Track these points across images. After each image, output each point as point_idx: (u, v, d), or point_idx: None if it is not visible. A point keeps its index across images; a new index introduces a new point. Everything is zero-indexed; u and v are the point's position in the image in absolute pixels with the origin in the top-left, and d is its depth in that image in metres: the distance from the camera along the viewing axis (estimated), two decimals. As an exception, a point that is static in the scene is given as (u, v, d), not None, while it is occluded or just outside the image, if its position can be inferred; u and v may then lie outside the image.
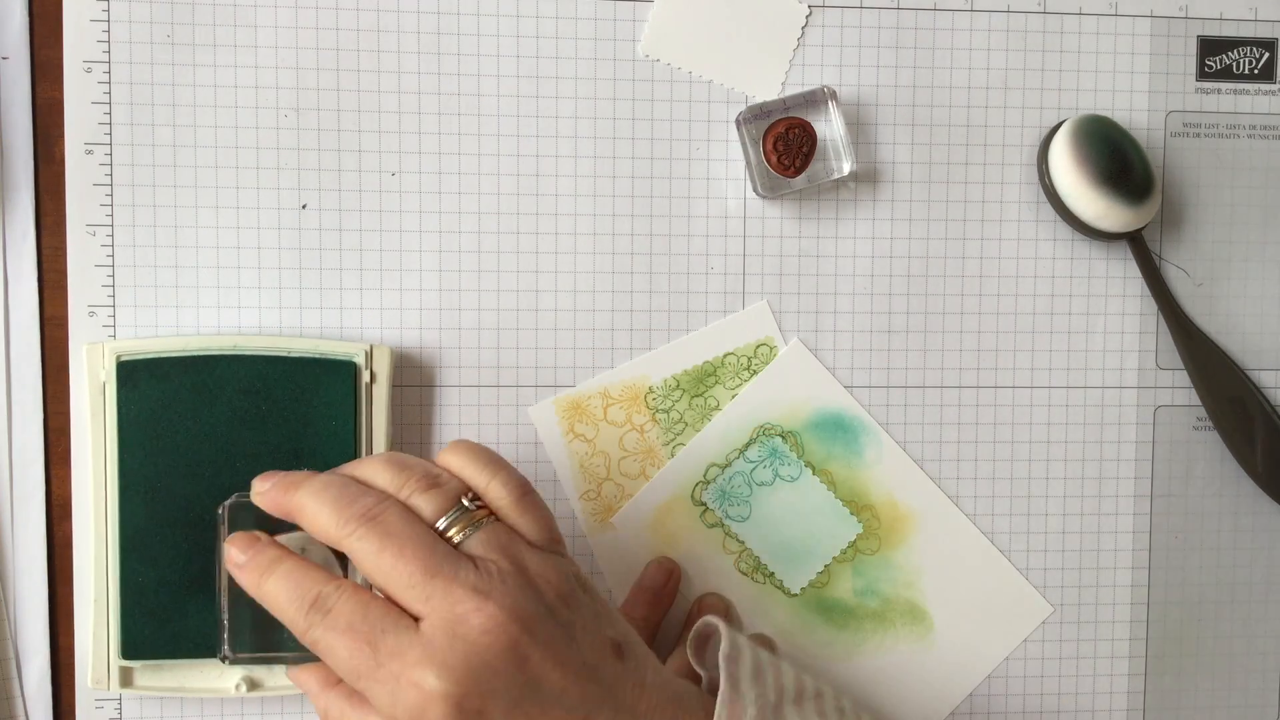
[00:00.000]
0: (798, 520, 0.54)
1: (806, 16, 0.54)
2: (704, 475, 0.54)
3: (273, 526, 0.44)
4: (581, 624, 0.41)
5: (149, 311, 0.51)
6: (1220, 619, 0.57)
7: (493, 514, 0.42)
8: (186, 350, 0.50)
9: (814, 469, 0.55)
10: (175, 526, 0.49)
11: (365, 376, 0.51)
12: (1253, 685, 0.58)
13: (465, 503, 0.42)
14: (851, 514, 0.55)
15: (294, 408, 0.50)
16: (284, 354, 0.50)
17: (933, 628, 0.55)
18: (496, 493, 0.43)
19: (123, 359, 0.49)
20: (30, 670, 0.51)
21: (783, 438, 0.54)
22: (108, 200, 0.51)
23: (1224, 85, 0.56)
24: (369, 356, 0.51)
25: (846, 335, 0.55)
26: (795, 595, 0.55)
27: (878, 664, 0.55)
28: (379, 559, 0.39)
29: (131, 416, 0.49)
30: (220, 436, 0.49)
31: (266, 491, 0.43)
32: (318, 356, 0.50)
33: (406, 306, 0.52)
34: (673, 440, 0.54)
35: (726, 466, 0.54)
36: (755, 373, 0.54)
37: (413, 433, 0.53)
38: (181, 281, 0.51)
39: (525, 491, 0.43)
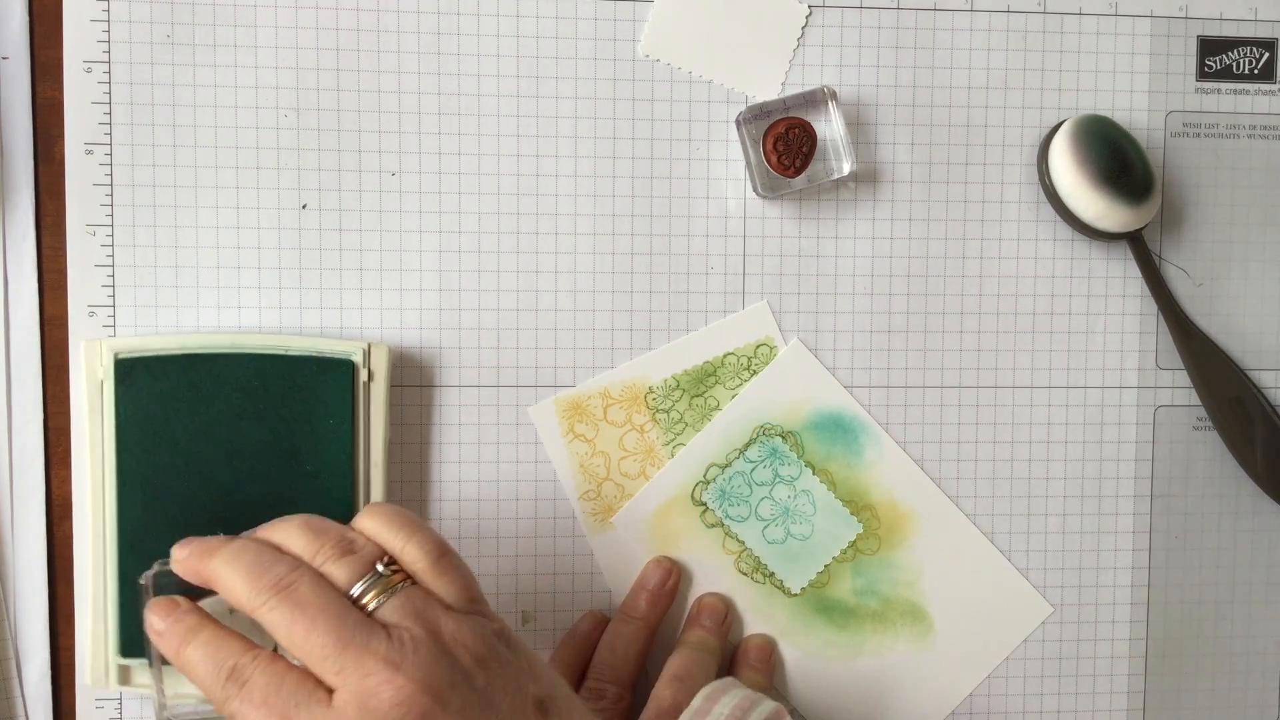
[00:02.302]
0: (798, 520, 0.54)
1: (806, 16, 0.54)
2: (704, 475, 0.54)
3: (198, 593, 0.43)
4: (501, 685, 0.40)
5: (149, 311, 0.51)
6: (1220, 619, 0.57)
7: (409, 578, 0.41)
8: (184, 348, 0.50)
9: (814, 469, 0.55)
10: (173, 524, 0.49)
11: (363, 375, 0.51)
12: (1253, 685, 0.58)
13: (380, 568, 0.41)
14: (851, 514, 0.55)
15: (292, 406, 0.50)
16: (282, 352, 0.50)
17: (933, 628, 0.55)
18: (412, 556, 0.42)
19: (120, 356, 0.49)
20: (30, 670, 0.51)
21: (783, 438, 0.54)
22: (108, 200, 0.51)
23: (1224, 85, 0.56)
24: (367, 355, 0.51)
25: (846, 335, 0.55)
26: (795, 595, 0.55)
27: (878, 664, 0.55)
28: (292, 630, 0.39)
29: (129, 414, 0.49)
30: (218, 434, 0.49)
31: (184, 560, 0.42)
32: (316, 355, 0.50)
33: (406, 306, 0.52)
34: (673, 440, 0.54)
35: (726, 466, 0.54)
36: (755, 373, 0.54)
37: (412, 433, 0.53)
38: (181, 281, 0.51)
39: (442, 553, 0.42)
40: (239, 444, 0.49)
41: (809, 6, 0.54)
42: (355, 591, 0.40)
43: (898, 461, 0.55)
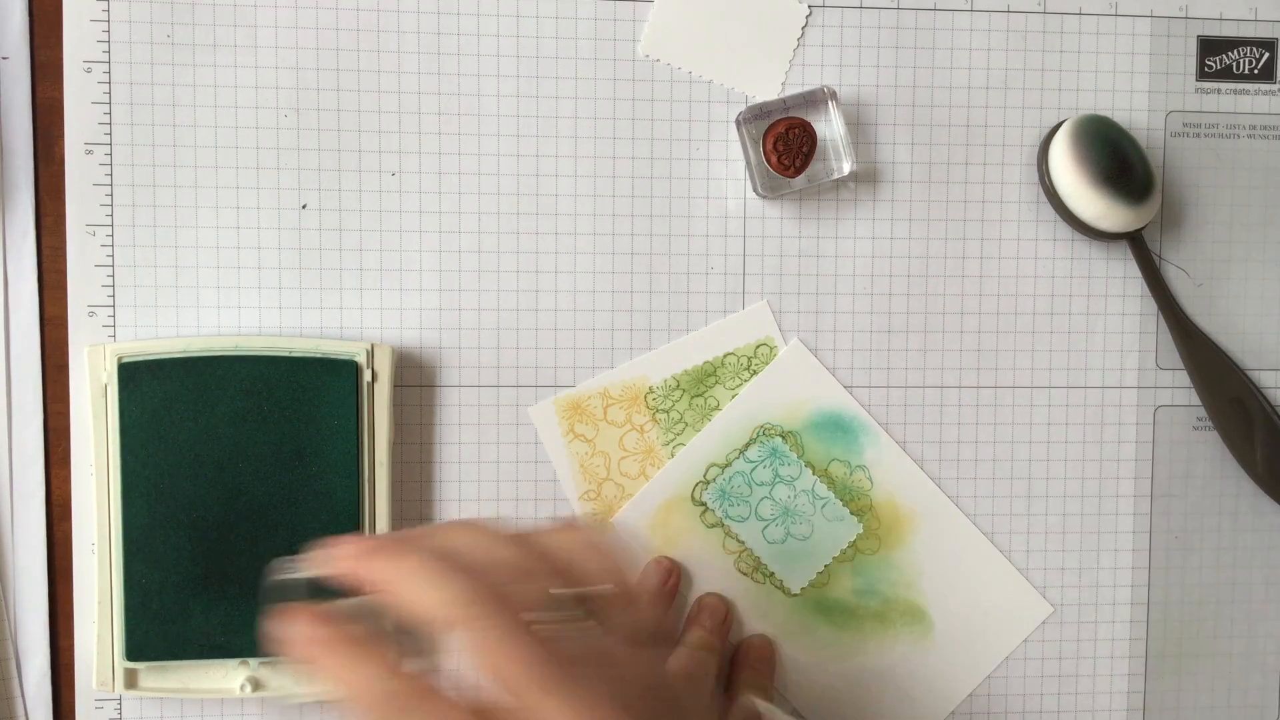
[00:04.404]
0: (797, 520, 0.54)
1: (806, 16, 0.54)
2: (704, 475, 0.54)
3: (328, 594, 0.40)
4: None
5: (149, 311, 0.51)
6: (1220, 619, 0.57)
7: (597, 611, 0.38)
8: (188, 351, 0.50)
9: (814, 469, 0.55)
10: (178, 527, 0.49)
11: (367, 375, 0.51)
12: (1253, 685, 0.58)
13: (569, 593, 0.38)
14: (851, 514, 0.55)
15: (296, 407, 0.50)
16: (285, 354, 0.50)
17: (933, 628, 0.55)
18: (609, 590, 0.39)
19: (124, 360, 0.49)
20: (30, 670, 0.51)
21: (783, 438, 0.54)
22: (108, 200, 0.51)
23: (1224, 85, 0.56)
24: (370, 355, 0.51)
25: (846, 335, 0.55)
26: (795, 595, 0.55)
27: (878, 664, 0.55)
28: (484, 656, 0.35)
29: (133, 418, 0.49)
30: (222, 437, 0.49)
31: (350, 557, 0.37)
32: (319, 356, 0.50)
33: (406, 306, 0.52)
34: (673, 440, 0.54)
35: (726, 466, 0.54)
36: (755, 373, 0.54)
37: (412, 433, 0.53)
38: (181, 281, 0.51)
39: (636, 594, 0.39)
40: (243, 446, 0.49)
41: (809, 6, 0.54)
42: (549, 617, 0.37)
43: (898, 461, 0.55)
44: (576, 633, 0.37)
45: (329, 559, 0.38)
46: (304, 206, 0.52)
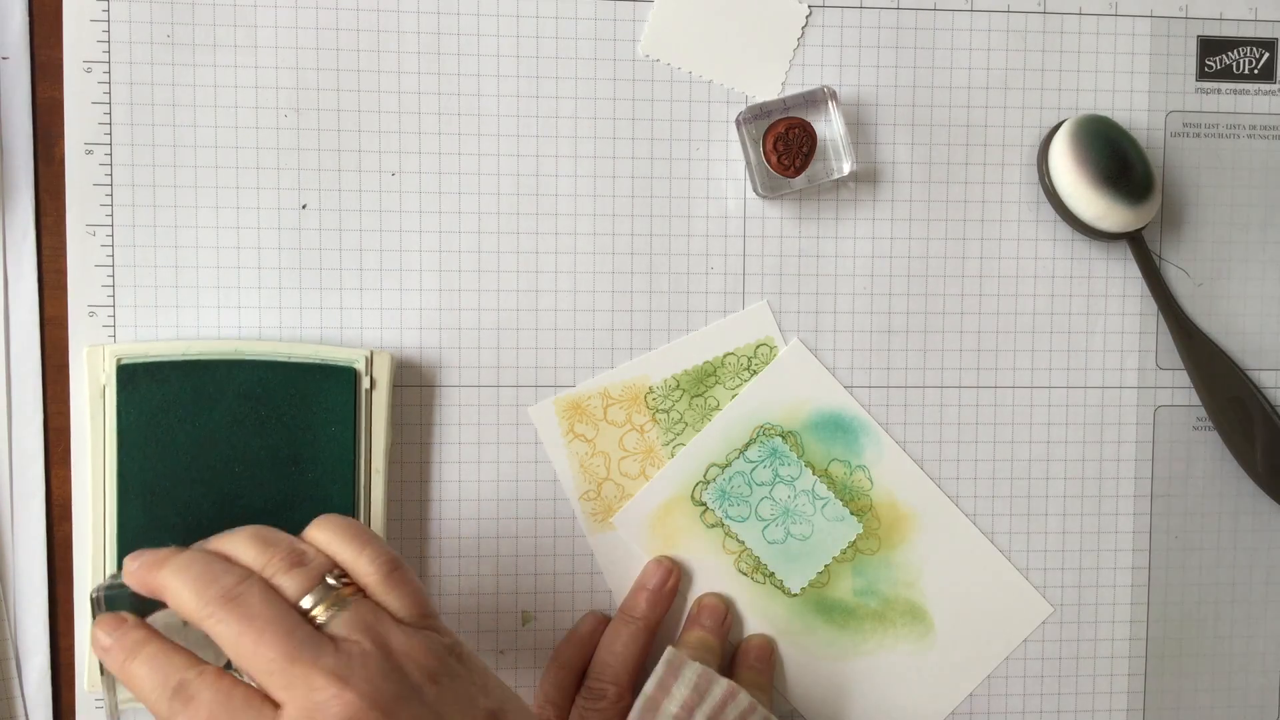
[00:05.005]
0: (797, 520, 0.54)
1: (806, 16, 0.54)
2: (704, 475, 0.54)
3: (152, 605, 0.42)
4: (452, 699, 0.39)
5: (149, 312, 0.51)
6: (1220, 619, 0.57)
7: (359, 591, 0.41)
8: (187, 354, 0.50)
9: (814, 469, 0.55)
10: (173, 530, 0.49)
11: (365, 382, 0.51)
12: (1253, 685, 0.58)
13: (330, 580, 0.40)
14: (851, 514, 0.55)
15: (294, 413, 0.50)
16: (284, 359, 0.50)
17: (933, 628, 0.55)
18: (364, 569, 0.41)
19: (123, 362, 0.49)
20: (30, 670, 0.51)
21: (783, 438, 0.54)
22: (108, 200, 0.51)
23: (1224, 85, 0.56)
24: (369, 362, 0.51)
25: (846, 335, 0.55)
26: (795, 595, 0.55)
27: (878, 664, 0.55)
28: (239, 642, 0.38)
29: (131, 420, 0.49)
30: (220, 441, 0.49)
31: (135, 571, 0.41)
32: (318, 362, 0.50)
33: (406, 306, 0.52)
34: (673, 440, 0.54)
35: (726, 466, 0.54)
36: (755, 373, 0.54)
37: (412, 433, 0.53)
38: (181, 281, 0.51)
39: (394, 567, 0.41)
40: (240, 450, 0.49)
41: (809, 6, 0.54)
42: (305, 604, 0.39)
43: (898, 461, 0.55)
44: (345, 605, 0.40)
45: (125, 571, 0.42)
46: (304, 206, 0.52)
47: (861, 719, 0.55)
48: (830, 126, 0.53)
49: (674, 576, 0.53)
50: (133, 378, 0.49)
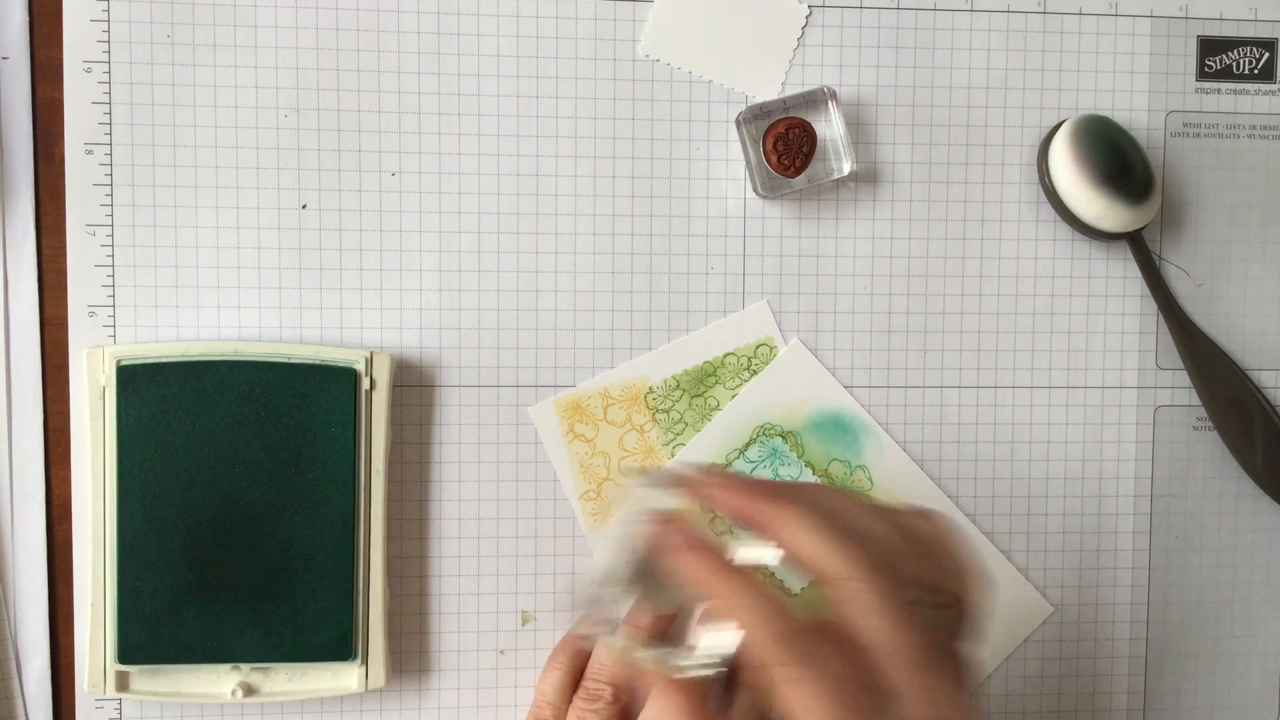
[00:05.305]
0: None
1: (806, 16, 0.54)
2: (704, 475, 0.54)
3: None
4: None
5: (149, 312, 0.51)
6: (1220, 619, 0.57)
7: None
8: (187, 355, 0.50)
9: (814, 469, 0.55)
10: (173, 531, 0.49)
11: (365, 383, 0.51)
12: (1253, 685, 0.58)
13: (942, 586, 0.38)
14: (851, 514, 0.55)
15: (294, 414, 0.50)
16: (284, 360, 0.50)
17: (933, 628, 0.55)
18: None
19: (123, 363, 0.49)
20: (30, 670, 0.51)
21: (783, 438, 0.54)
22: (108, 200, 0.51)
23: (1224, 85, 0.56)
24: (369, 363, 0.51)
25: (846, 335, 0.55)
26: (796, 595, 0.55)
27: (878, 664, 0.55)
28: (893, 620, 0.35)
29: (131, 421, 0.49)
30: (219, 442, 0.49)
31: (727, 488, 0.38)
32: (318, 363, 0.50)
33: (406, 306, 0.52)
34: (673, 440, 0.54)
35: (726, 466, 0.54)
36: (755, 373, 0.54)
37: (412, 433, 0.53)
38: (181, 281, 0.51)
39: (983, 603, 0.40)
40: (240, 451, 0.49)
41: (809, 6, 0.54)
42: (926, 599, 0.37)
43: (898, 461, 0.55)
44: (938, 621, 0.37)
45: (690, 482, 0.38)
46: (304, 207, 0.52)
47: (861, 719, 0.55)
48: (830, 126, 0.53)
49: (675, 576, 0.53)
50: (132, 379, 0.49)
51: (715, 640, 0.37)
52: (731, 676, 0.53)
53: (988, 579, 0.40)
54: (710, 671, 0.38)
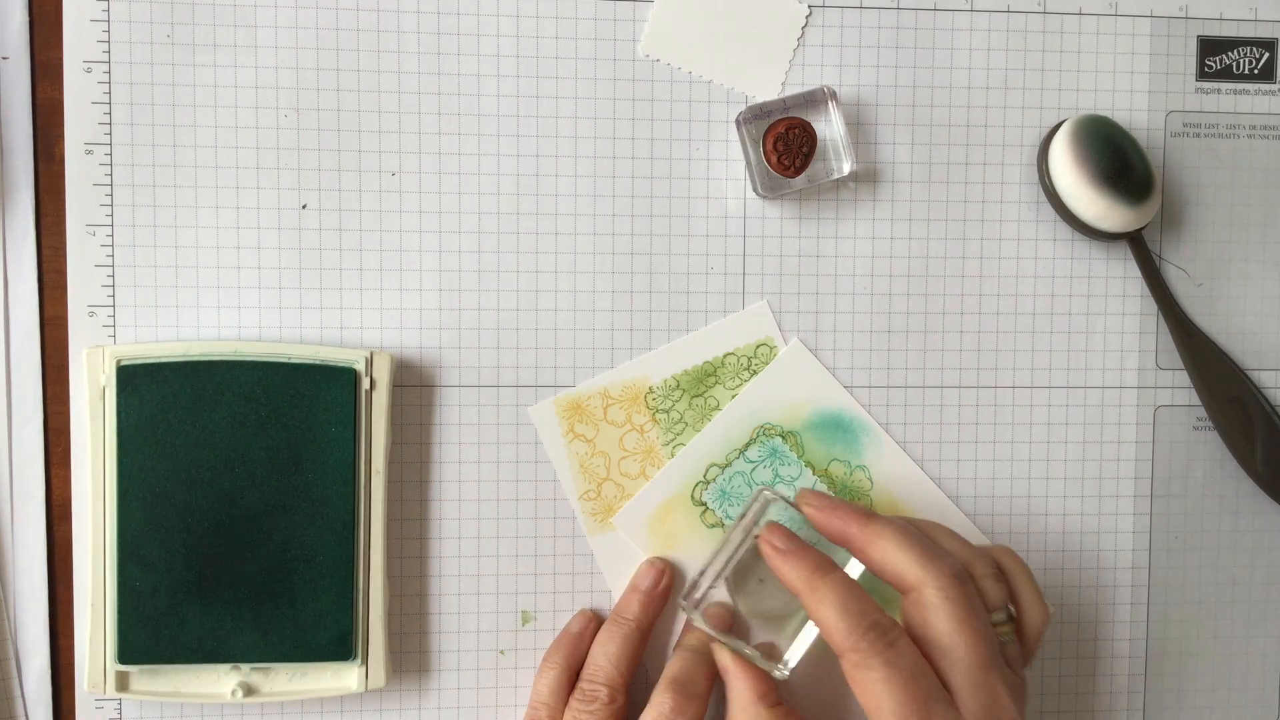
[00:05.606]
0: (798, 520, 0.54)
1: (806, 16, 0.54)
2: (704, 475, 0.54)
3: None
4: None
5: (149, 312, 0.51)
6: (1220, 619, 0.57)
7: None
8: (187, 355, 0.50)
9: (814, 469, 0.55)
10: (173, 531, 0.49)
11: (365, 383, 0.51)
12: (1253, 685, 0.58)
13: (1011, 610, 0.44)
14: (851, 514, 0.55)
15: (294, 414, 0.50)
16: (284, 360, 0.50)
17: (933, 628, 0.55)
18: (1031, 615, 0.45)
19: (123, 363, 0.49)
20: (30, 670, 0.51)
21: (783, 438, 0.54)
22: (108, 200, 0.51)
23: (1224, 85, 0.56)
24: (369, 363, 0.51)
25: (846, 335, 0.55)
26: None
27: (878, 664, 0.55)
28: (956, 622, 0.40)
29: (131, 421, 0.49)
30: (220, 442, 0.49)
31: (827, 509, 0.44)
32: (318, 363, 0.50)
33: (406, 306, 0.52)
34: (673, 440, 0.54)
35: (726, 466, 0.54)
36: (755, 373, 0.54)
37: (412, 433, 0.53)
38: (181, 281, 0.51)
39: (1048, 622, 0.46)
40: (240, 451, 0.49)
41: (809, 6, 0.54)
42: (997, 617, 0.43)
43: (898, 461, 0.55)
44: (1004, 638, 0.42)
45: (806, 502, 0.46)
46: (304, 207, 0.52)
47: (862, 718, 0.55)
48: (830, 126, 0.53)
49: (666, 578, 0.53)
50: (132, 379, 0.49)
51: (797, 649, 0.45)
52: None
53: (1050, 615, 0.45)
54: (783, 674, 0.46)
